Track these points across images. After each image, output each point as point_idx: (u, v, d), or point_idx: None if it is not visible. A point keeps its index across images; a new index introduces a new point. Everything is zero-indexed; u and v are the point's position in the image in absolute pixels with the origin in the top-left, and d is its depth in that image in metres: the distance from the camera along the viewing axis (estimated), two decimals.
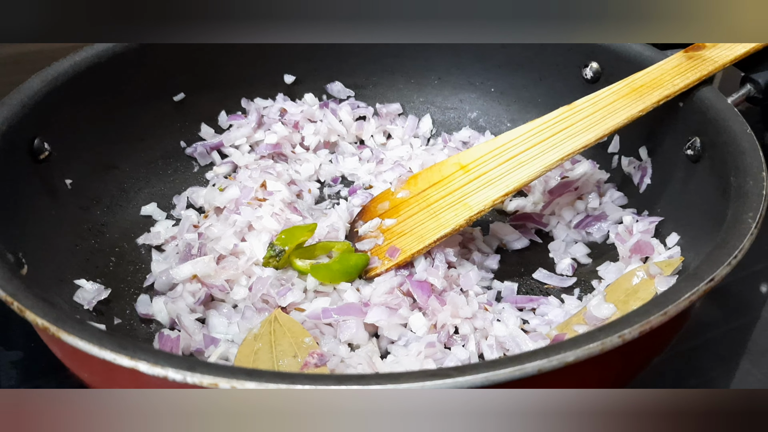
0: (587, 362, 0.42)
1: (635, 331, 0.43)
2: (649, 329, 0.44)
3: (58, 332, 0.42)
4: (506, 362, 0.41)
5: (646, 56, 0.72)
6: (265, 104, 0.86)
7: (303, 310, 0.63)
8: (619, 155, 0.77)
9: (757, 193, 0.54)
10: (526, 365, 0.41)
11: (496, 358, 0.42)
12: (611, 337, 0.42)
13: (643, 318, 0.44)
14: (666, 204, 0.70)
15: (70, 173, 0.69)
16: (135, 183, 0.77)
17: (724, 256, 0.48)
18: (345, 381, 0.40)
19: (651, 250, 0.65)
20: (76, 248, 0.68)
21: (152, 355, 0.40)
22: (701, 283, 0.46)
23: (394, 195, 0.74)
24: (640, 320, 0.44)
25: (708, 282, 0.47)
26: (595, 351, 0.42)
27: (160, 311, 0.64)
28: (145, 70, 0.76)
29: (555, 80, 0.81)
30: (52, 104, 0.67)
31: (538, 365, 0.41)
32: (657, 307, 0.45)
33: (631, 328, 0.43)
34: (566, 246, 0.72)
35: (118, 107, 0.75)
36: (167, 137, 0.81)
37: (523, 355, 0.42)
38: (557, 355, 0.41)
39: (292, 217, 0.72)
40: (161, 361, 0.40)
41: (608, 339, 0.42)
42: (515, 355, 0.42)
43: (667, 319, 0.44)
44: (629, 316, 0.44)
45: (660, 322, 0.44)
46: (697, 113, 0.66)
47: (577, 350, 0.41)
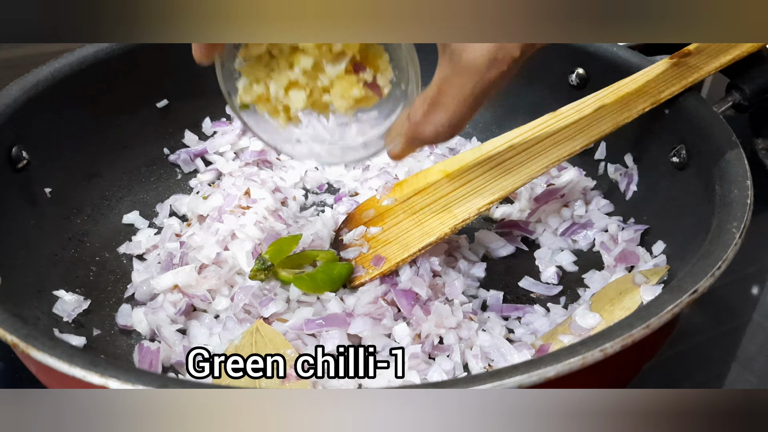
0: (569, 376, 0.42)
1: (617, 345, 0.43)
2: (631, 342, 0.43)
3: (27, 348, 0.42)
4: (485, 378, 0.40)
5: (633, 63, 0.72)
6: None
7: (286, 321, 0.62)
8: (606, 162, 0.77)
9: (742, 203, 0.54)
10: (506, 381, 0.40)
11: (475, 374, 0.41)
12: (592, 351, 0.42)
13: (626, 331, 0.43)
14: (652, 211, 0.70)
15: (50, 182, 0.68)
16: (117, 191, 0.76)
17: (708, 267, 0.48)
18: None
19: (636, 259, 0.65)
20: (55, 258, 0.67)
21: (123, 372, 0.40)
22: (684, 294, 0.46)
23: (380, 203, 0.73)
24: (622, 333, 0.43)
25: (691, 294, 0.46)
26: (576, 366, 0.41)
27: (140, 322, 0.63)
28: (127, 77, 0.75)
29: (542, 86, 0.81)
30: (31, 112, 0.66)
31: (518, 381, 0.40)
32: (640, 320, 0.44)
33: (612, 342, 0.43)
34: (552, 254, 0.72)
35: (100, 114, 0.74)
36: (150, 144, 0.80)
37: (503, 370, 0.41)
38: (537, 371, 0.40)
39: (276, 225, 0.71)
40: (132, 379, 0.39)
41: (589, 353, 0.42)
42: (495, 370, 0.41)
43: (650, 332, 0.44)
44: (611, 329, 0.44)
45: (642, 335, 0.44)
46: (683, 121, 0.65)
47: (558, 365, 0.41)
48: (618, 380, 0.53)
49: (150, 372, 0.55)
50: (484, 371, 0.49)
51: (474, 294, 0.68)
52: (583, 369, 0.42)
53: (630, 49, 0.75)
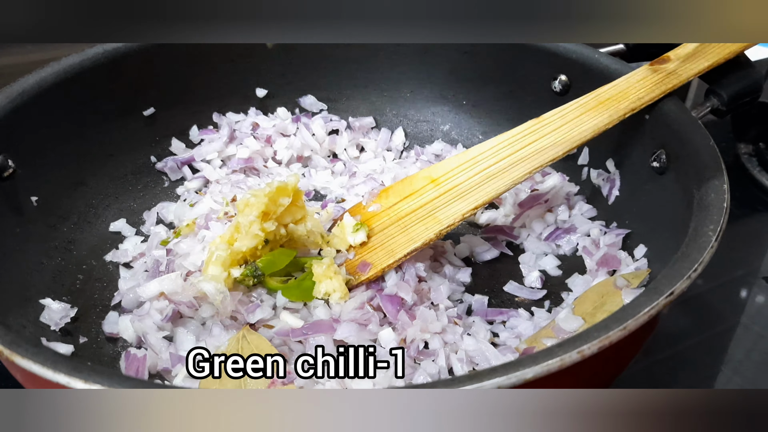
0: (548, 377, 0.42)
1: (594, 347, 0.43)
2: (608, 344, 0.44)
3: (11, 356, 0.42)
4: (464, 380, 0.41)
5: (613, 69, 0.73)
6: (237, 118, 0.86)
7: (272, 327, 0.63)
8: (589, 167, 0.78)
9: (719, 206, 0.54)
10: (485, 383, 0.41)
11: (454, 377, 0.42)
12: (570, 353, 0.42)
13: (603, 333, 0.44)
14: (634, 215, 0.71)
15: (36, 190, 0.68)
16: (104, 199, 0.76)
17: (684, 270, 0.49)
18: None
19: (617, 263, 0.66)
20: (42, 266, 0.67)
21: (107, 378, 0.40)
22: (661, 297, 0.46)
23: (366, 209, 0.74)
24: (599, 335, 0.44)
25: (668, 296, 0.47)
26: (554, 367, 0.42)
27: (126, 329, 0.63)
28: (114, 85, 0.76)
29: (525, 93, 0.82)
30: (16, 121, 0.66)
31: (497, 382, 0.41)
32: (616, 323, 0.45)
33: (590, 344, 0.43)
34: (536, 258, 0.73)
35: (87, 123, 0.74)
36: (137, 152, 0.80)
37: (482, 372, 0.42)
38: (516, 372, 0.41)
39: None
40: (116, 385, 0.40)
41: (567, 355, 0.42)
42: (475, 372, 0.41)
43: (627, 333, 0.45)
44: (589, 331, 0.45)
45: (620, 337, 0.44)
46: (662, 126, 0.66)
47: (536, 367, 0.41)
48: (599, 381, 0.53)
49: (134, 378, 0.56)
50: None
51: (459, 298, 0.69)
52: (561, 370, 0.42)
53: (611, 56, 0.76)
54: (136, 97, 0.79)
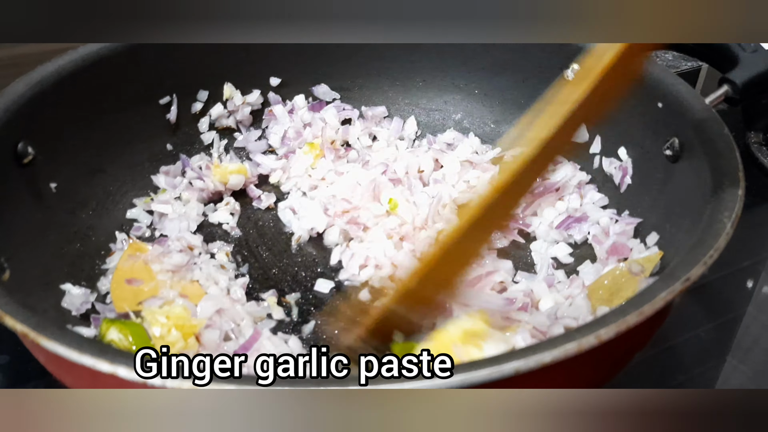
0: (565, 362, 0.43)
1: (611, 331, 0.44)
2: (625, 329, 0.44)
3: (37, 338, 0.43)
4: (484, 363, 0.41)
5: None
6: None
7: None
8: (601, 156, 0.78)
9: (733, 193, 0.55)
10: (504, 366, 0.41)
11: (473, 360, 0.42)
12: (587, 337, 0.43)
13: (619, 318, 0.45)
14: (646, 204, 0.71)
15: (55, 177, 0.69)
16: (121, 186, 0.77)
17: (699, 256, 0.49)
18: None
19: (627, 251, 0.66)
20: (61, 252, 0.68)
21: (132, 359, 0.41)
22: (677, 282, 0.47)
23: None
24: (616, 320, 0.44)
25: (684, 281, 0.47)
26: (572, 351, 0.42)
27: None
28: (131, 73, 0.76)
29: (538, 81, 0.82)
30: (36, 108, 0.67)
31: (515, 366, 0.41)
32: (633, 307, 0.45)
33: (607, 329, 0.44)
34: (548, 246, 0.73)
35: (104, 110, 0.75)
36: (154, 140, 0.81)
37: (501, 356, 0.42)
38: (534, 356, 0.42)
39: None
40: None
41: (584, 339, 0.43)
42: (493, 356, 0.42)
43: (643, 318, 0.45)
44: (606, 316, 0.45)
45: (636, 322, 0.45)
46: (676, 114, 0.66)
47: (554, 350, 0.42)
48: (612, 368, 0.54)
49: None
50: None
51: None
52: (578, 355, 0.43)
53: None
54: (153, 85, 0.79)
